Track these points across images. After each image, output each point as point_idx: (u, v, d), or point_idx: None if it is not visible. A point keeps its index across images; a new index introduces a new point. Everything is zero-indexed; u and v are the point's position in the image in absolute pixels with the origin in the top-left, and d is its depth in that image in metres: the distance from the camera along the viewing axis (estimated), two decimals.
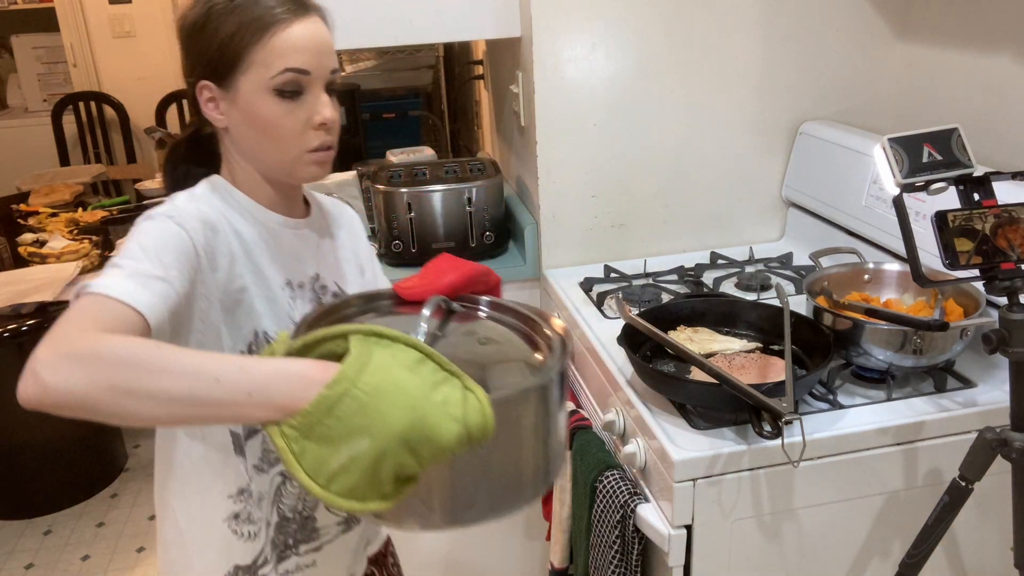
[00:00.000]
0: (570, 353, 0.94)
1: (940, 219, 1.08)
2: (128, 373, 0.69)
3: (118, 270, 0.81)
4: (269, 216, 1.02)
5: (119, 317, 0.77)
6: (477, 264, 1.02)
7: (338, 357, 0.72)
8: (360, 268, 1.16)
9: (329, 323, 0.90)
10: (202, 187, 1.00)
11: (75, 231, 2.80)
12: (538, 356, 0.90)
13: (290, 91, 0.94)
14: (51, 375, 0.71)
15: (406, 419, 0.68)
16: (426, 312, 0.88)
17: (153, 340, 0.74)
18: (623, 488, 1.24)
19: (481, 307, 1.00)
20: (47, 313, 2.14)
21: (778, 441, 1.13)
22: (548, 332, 0.92)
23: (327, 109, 0.97)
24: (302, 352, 0.77)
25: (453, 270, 0.99)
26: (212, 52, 0.93)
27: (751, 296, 1.62)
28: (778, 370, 1.30)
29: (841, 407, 1.25)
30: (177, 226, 0.89)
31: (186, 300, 0.87)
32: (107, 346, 0.70)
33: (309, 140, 0.97)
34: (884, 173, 1.11)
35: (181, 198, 0.96)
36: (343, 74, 3.15)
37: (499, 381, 0.83)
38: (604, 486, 1.27)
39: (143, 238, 0.87)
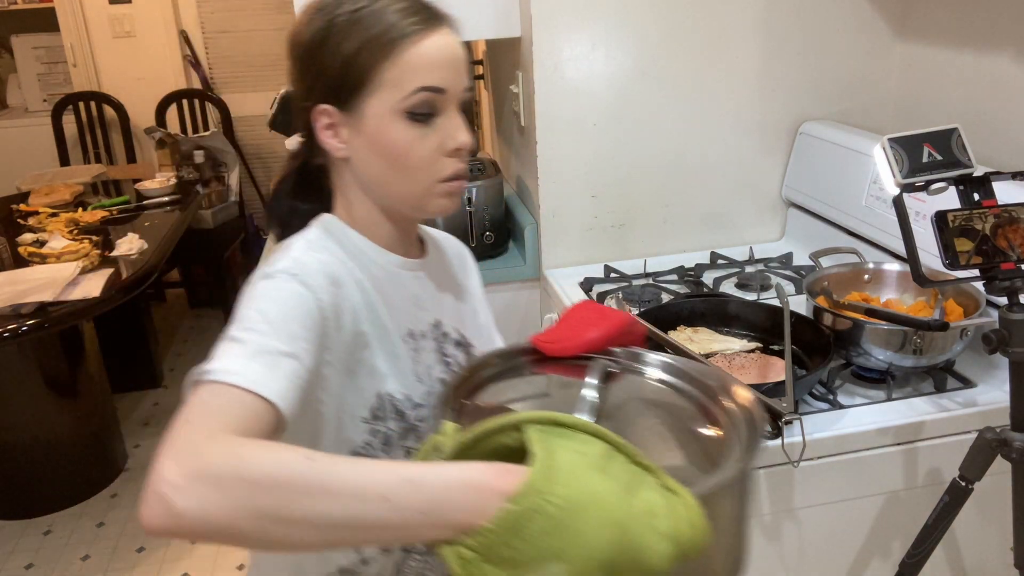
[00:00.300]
0: (762, 432, 0.79)
1: (940, 219, 1.08)
2: (279, 497, 0.57)
3: (239, 347, 0.70)
4: (388, 258, 0.91)
5: (249, 412, 0.66)
6: (624, 314, 0.92)
7: (510, 450, 0.62)
8: (475, 310, 1.05)
9: (470, 389, 0.82)
10: (316, 231, 0.88)
11: (75, 231, 2.80)
12: (713, 429, 0.76)
13: (423, 113, 0.83)
14: (184, 501, 0.57)
15: (610, 540, 0.55)
16: (592, 380, 0.78)
17: (301, 450, 0.60)
18: None
19: (640, 364, 0.87)
20: (47, 313, 2.14)
21: (778, 441, 1.13)
22: (725, 401, 0.78)
23: (463, 133, 0.86)
24: (471, 449, 0.63)
25: (599, 321, 0.89)
26: (334, 72, 0.83)
27: (751, 296, 1.62)
28: (778, 370, 1.30)
29: (841, 407, 1.25)
30: (302, 286, 0.77)
31: (315, 375, 0.76)
32: (249, 463, 0.59)
33: (442, 168, 0.86)
34: (884, 173, 1.11)
35: (298, 248, 0.83)
36: None
37: (678, 463, 0.72)
38: None
39: (265, 304, 0.75)
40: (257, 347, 0.70)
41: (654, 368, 0.86)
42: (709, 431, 0.76)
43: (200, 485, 0.57)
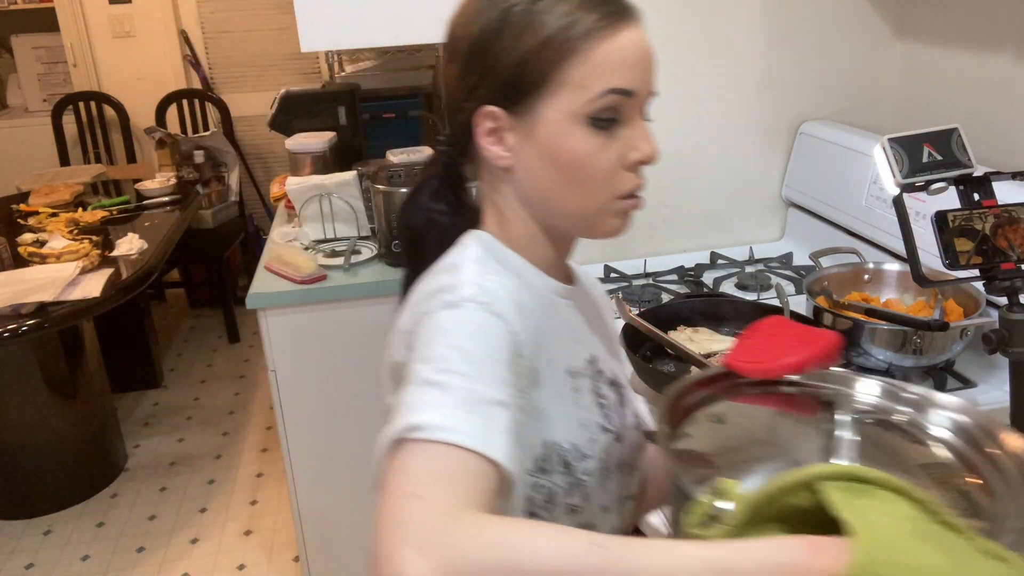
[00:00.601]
0: None
1: (940, 219, 1.08)
2: None
3: (444, 395, 0.58)
4: (546, 283, 0.80)
5: (477, 478, 0.54)
6: (830, 333, 0.79)
7: (801, 511, 0.54)
8: (619, 350, 0.97)
9: (672, 423, 0.71)
10: (475, 248, 0.76)
11: (75, 231, 2.80)
12: (972, 477, 0.65)
13: (607, 119, 0.74)
14: None
15: None
16: (844, 417, 0.66)
17: (582, 533, 0.50)
18: None
19: (866, 394, 0.75)
20: (47, 313, 2.14)
21: None
22: (988, 447, 0.66)
23: (648, 143, 0.78)
24: (761, 511, 0.54)
25: (803, 345, 0.78)
26: (508, 70, 0.72)
27: (751, 296, 1.62)
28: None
29: None
30: (496, 318, 0.66)
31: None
32: (522, 552, 0.48)
33: (622, 183, 0.77)
34: (884, 173, 1.11)
35: (472, 271, 0.71)
36: (343, 74, 3.15)
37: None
38: None
39: (461, 339, 0.63)
40: (467, 396, 0.58)
41: (888, 401, 0.74)
42: (971, 478, 0.65)
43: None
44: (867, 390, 0.75)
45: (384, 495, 0.52)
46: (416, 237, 0.82)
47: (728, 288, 1.70)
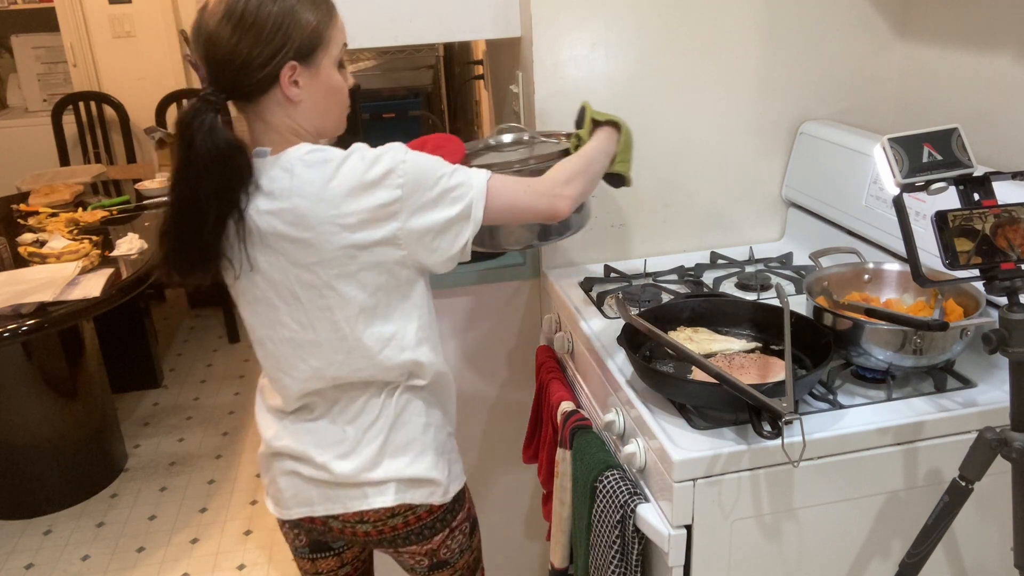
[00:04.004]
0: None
1: (940, 219, 1.08)
2: (588, 175, 1.32)
3: (466, 168, 1.19)
4: None
5: (508, 178, 1.24)
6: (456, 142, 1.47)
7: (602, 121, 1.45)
8: None
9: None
10: (311, 144, 1.18)
11: (75, 231, 2.80)
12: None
13: (341, 63, 1.19)
14: (572, 192, 1.27)
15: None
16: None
17: (574, 158, 1.35)
18: (623, 488, 1.24)
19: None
20: (47, 313, 2.14)
21: (778, 441, 1.13)
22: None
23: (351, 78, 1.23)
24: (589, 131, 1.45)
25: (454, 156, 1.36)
26: (304, 37, 1.12)
27: (751, 296, 1.62)
28: (778, 370, 1.30)
29: (841, 407, 1.25)
30: None
31: None
32: (572, 173, 1.29)
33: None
34: (884, 173, 1.11)
35: (363, 147, 1.15)
36: None
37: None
38: (604, 486, 1.27)
39: (429, 157, 1.16)
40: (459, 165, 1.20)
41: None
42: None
43: (577, 184, 1.28)
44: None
45: (513, 193, 1.21)
46: (225, 160, 1.10)
47: (728, 288, 1.70)
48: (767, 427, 1.12)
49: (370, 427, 1.25)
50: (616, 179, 1.45)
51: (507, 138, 1.60)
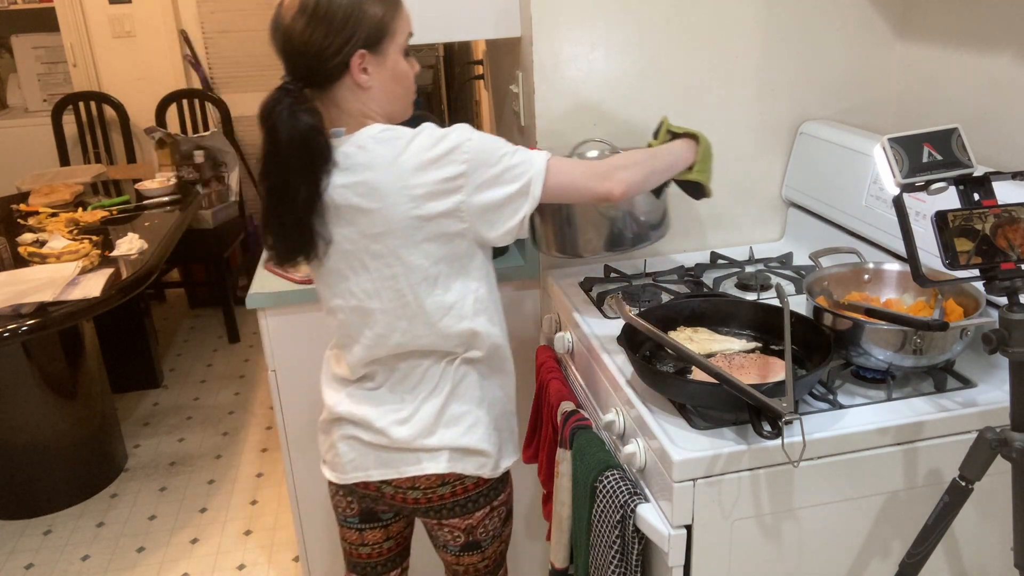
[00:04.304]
0: None
1: (940, 219, 1.08)
2: (652, 168, 1.37)
3: (526, 149, 1.27)
4: None
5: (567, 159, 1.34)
6: None
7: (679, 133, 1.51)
8: None
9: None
10: (385, 124, 1.28)
11: (75, 231, 2.80)
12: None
13: (407, 51, 1.28)
14: (632, 178, 1.31)
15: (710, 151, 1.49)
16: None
17: (641, 150, 1.45)
18: (623, 488, 1.24)
19: None
20: (47, 313, 2.14)
21: (778, 441, 1.13)
22: None
23: (417, 65, 1.32)
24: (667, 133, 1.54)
25: None
26: (372, 27, 1.21)
27: (751, 296, 1.62)
28: (778, 370, 1.30)
29: (841, 407, 1.25)
30: None
31: None
32: (634, 163, 1.34)
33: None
34: (884, 173, 1.11)
35: (432, 126, 1.26)
36: None
37: None
38: (604, 486, 1.27)
39: (492, 136, 1.24)
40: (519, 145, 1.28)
41: None
42: None
43: (635, 171, 1.32)
44: None
45: (571, 174, 1.27)
46: (307, 142, 1.19)
47: (728, 288, 1.70)
48: (767, 427, 1.12)
49: (428, 396, 1.33)
50: (696, 189, 1.49)
51: (592, 152, 1.59)
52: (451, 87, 3.39)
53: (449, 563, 1.49)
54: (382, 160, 1.20)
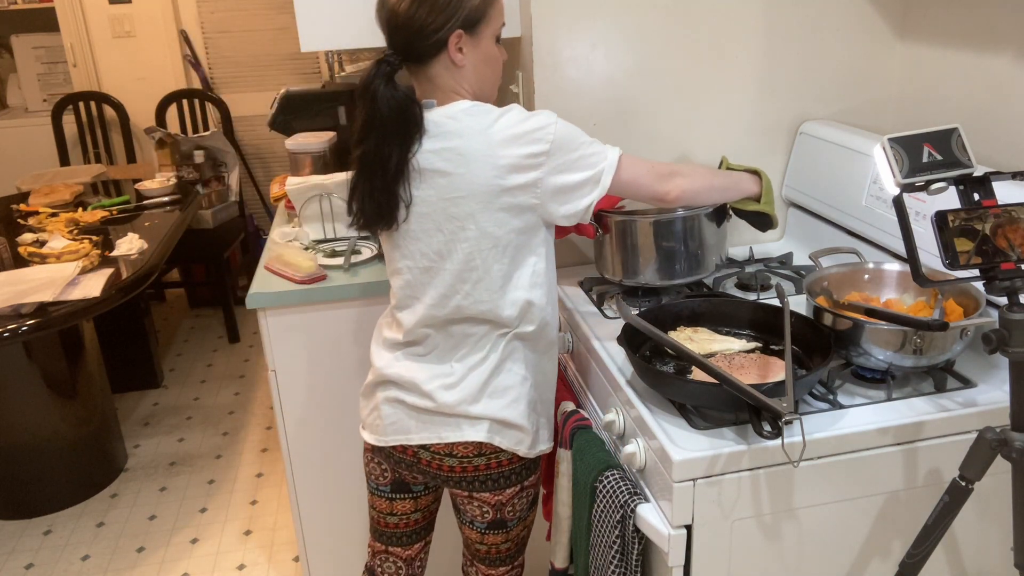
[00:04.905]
0: None
1: (940, 219, 1.08)
2: (713, 185, 1.48)
3: (603, 144, 1.36)
4: None
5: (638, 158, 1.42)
6: None
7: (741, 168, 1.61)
8: None
9: None
10: (481, 103, 1.34)
11: (75, 231, 2.80)
12: None
13: (499, 37, 1.36)
14: (693, 186, 1.43)
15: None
16: None
17: (703, 167, 1.57)
18: (623, 488, 1.24)
19: None
20: (47, 313, 2.14)
21: (778, 441, 1.13)
22: None
23: (505, 52, 1.41)
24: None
25: None
26: (471, 11, 1.29)
27: (751, 296, 1.62)
28: (778, 370, 1.30)
29: (841, 407, 1.25)
30: None
31: None
32: (696, 175, 1.44)
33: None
34: (884, 173, 1.11)
35: (519, 107, 1.32)
36: (343, 74, 3.15)
37: None
38: (604, 486, 1.27)
39: (576, 127, 1.33)
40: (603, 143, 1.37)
41: None
42: None
43: (693, 181, 1.42)
44: None
45: (639, 172, 1.37)
46: (403, 110, 1.27)
47: (728, 288, 1.70)
48: (767, 427, 1.12)
49: (476, 366, 1.37)
50: (763, 221, 1.58)
51: None
52: None
53: (472, 541, 1.51)
54: (472, 129, 1.28)
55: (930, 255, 1.18)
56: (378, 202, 1.31)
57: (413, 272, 1.37)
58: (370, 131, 1.29)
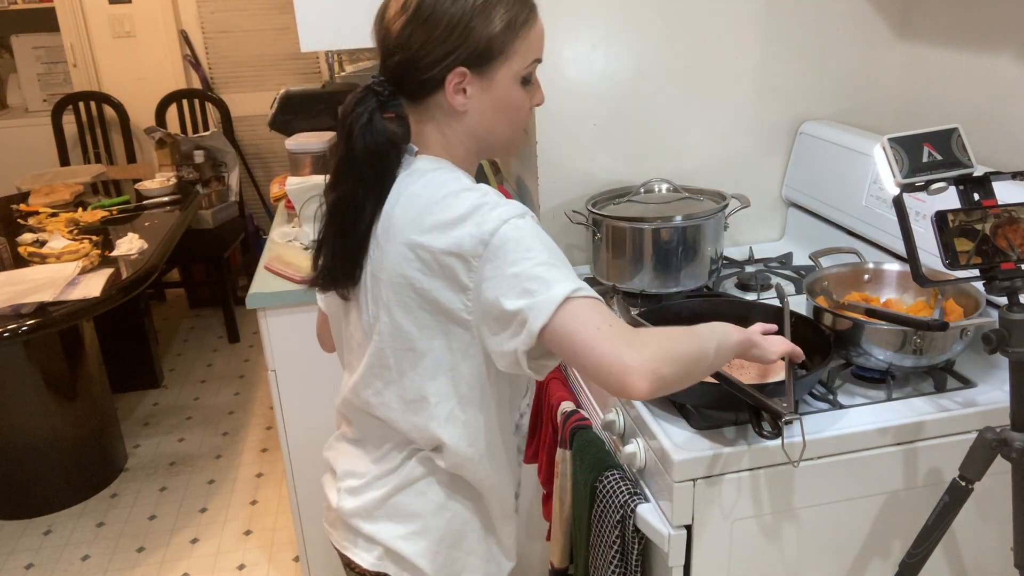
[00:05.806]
0: None
1: (940, 219, 1.08)
2: (694, 365, 0.96)
3: (567, 272, 0.95)
4: None
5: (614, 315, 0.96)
6: None
7: None
8: None
9: None
10: (452, 170, 1.05)
11: (75, 231, 2.80)
12: None
13: (529, 78, 1.06)
14: (666, 371, 0.91)
15: None
16: None
17: (682, 329, 1.00)
18: (623, 488, 1.24)
19: None
20: (47, 313, 2.14)
21: (778, 441, 1.13)
22: None
23: (542, 93, 1.11)
24: None
25: None
26: (480, 43, 1.01)
27: (751, 296, 1.62)
28: (778, 370, 1.30)
29: (841, 407, 1.25)
30: (539, 224, 1.01)
31: None
32: (676, 348, 0.94)
33: (528, 119, 1.11)
34: (884, 173, 1.11)
35: (487, 190, 1.01)
36: (343, 74, 3.15)
37: None
38: (604, 486, 1.27)
39: (543, 240, 0.97)
40: (571, 272, 0.95)
41: None
42: None
43: (666, 364, 0.91)
44: None
45: (584, 326, 0.90)
46: (381, 156, 1.02)
47: (728, 288, 1.70)
48: (767, 427, 1.12)
49: (384, 476, 1.13)
50: None
51: (663, 188, 1.71)
52: None
53: None
54: (411, 195, 1.02)
55: (930, 255, 1.18)
56: (347, 258, 1.06)
57: (342, 341, 1.17)
58: (347, 172, 1.03)
